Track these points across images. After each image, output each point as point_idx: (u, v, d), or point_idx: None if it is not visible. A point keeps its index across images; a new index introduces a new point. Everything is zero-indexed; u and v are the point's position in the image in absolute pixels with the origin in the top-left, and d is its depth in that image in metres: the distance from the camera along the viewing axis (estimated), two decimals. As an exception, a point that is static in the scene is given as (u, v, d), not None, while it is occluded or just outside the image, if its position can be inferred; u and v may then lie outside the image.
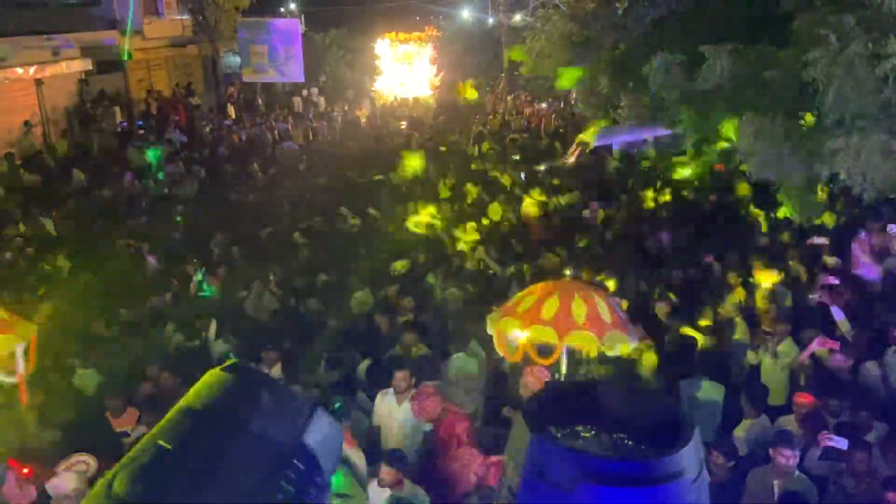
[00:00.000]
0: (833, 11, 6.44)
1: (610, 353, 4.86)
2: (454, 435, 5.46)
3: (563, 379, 5.08)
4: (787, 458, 4.89)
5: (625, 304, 6.24)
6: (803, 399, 5.79)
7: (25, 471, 5.08)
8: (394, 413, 5.79)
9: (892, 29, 5.66)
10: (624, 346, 4.75)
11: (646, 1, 10.73)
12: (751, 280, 7.81)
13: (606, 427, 2.15)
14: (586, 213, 11.08)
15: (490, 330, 5.32)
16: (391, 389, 5.84)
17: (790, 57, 7.09)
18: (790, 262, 8.24)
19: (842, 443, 5.19)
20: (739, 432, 5.83)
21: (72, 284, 8.50)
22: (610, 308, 4.67)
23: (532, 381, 5.25)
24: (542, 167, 14.76)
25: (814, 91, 6.53)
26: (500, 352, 5.15)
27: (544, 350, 4.85)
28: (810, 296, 7.66)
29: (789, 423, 5.74)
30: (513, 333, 4.73)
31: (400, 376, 5.75)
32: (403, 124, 21.76)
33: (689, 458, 1.95)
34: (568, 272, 5.86)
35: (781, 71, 7.32)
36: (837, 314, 6.84)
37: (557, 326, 4.48)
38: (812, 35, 6.72)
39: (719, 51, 8.14)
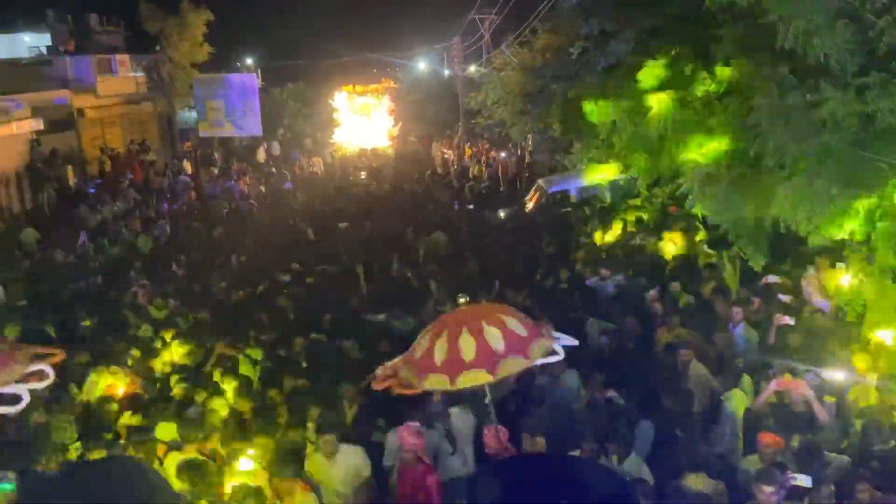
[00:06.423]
0: (768, 61, 6.75)
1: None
2: (422, 486, 5.36)
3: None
4: (768, 494, 4.96)
5: None
6: (768, 439, 5.82)
7: None
8: (327, 471, 5.75)
9: (823, 76, 5.95)
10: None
11: (596, 50, 11.05)
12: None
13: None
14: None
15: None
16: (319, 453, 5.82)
17: (732, 105, 7.37)
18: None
19: (807, 481, 5.24)
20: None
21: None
22: (503, 331, 4.30)
23: (491, 444, 5.16)
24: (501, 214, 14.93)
25: (756, 136, 6.78)
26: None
27: None
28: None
29: (753, 462, 5.77)
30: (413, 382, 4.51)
31: (326, 439, 5.74)
32: (363, 174, 21.90)
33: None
34: (462, 300, 5.12)
35: (725, 117, 7.60)
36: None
37: (449, 370, 4.23)
38: (751, 84, 7.01)
39: (665, 98, 8.43)
